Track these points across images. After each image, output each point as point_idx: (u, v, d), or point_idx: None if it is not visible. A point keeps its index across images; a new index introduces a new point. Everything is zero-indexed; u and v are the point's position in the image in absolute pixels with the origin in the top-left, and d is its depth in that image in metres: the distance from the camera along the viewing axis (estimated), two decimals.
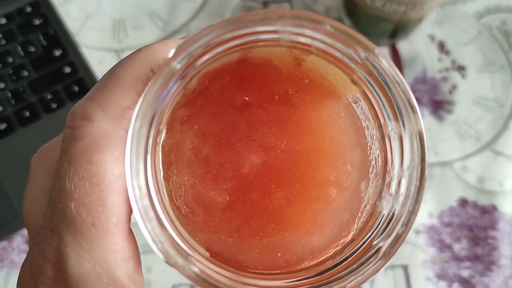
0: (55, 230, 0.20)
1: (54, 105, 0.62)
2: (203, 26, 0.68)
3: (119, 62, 0.22)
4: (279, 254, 0.21)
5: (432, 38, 0.68)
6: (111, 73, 0.22)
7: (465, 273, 0.57)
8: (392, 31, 0.64)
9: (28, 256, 0.22)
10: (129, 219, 0.21)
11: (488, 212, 0.60)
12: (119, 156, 0.20)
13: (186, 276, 0.19)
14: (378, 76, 0.20)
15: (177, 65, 0.18)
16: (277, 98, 0.21)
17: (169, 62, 0.18)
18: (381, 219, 0.20)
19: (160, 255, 0.19)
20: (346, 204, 0.21)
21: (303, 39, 0.20)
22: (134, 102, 0.20)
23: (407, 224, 0.19)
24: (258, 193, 0.20)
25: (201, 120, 0.21)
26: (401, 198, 0.19)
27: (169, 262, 0.19)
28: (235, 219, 0.20)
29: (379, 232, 0.20)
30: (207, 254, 0.21)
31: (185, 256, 0.19)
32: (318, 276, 0.19)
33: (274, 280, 0.20)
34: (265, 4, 0.68)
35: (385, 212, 0.20)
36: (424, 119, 0.64)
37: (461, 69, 0.67)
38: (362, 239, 0.20)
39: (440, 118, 0.64)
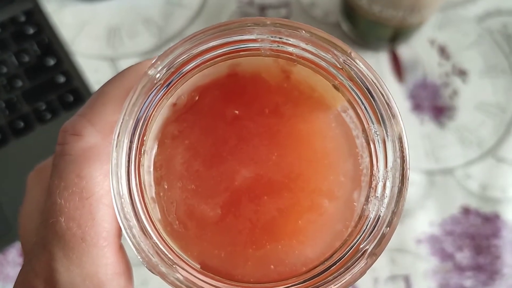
0: (46, 246, 0.20)
1: (49, 116, 0.61)
2: None
3: (109, 79, 0.23)
4: (272, 267, 0.21)
5: (432, 42, 0.67)
6: (101, 90, 0.22)
7: (468, 283, 0.56)
8: (392, 36, 0.63)
9: (21, 273, 0.22)
10: (119, 234, 0.21)
11: (491, 220, 0.59)
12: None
13: (170, 284, 0.19)
14: (358, 80, 0.20)
15: (156, 74, 0.19)
16: (267, 111, 0.21)
17: (147, 71, 0.19)
18: (368, 223, 0.20)
19: (143, 263, 0.19)
20: (339, 214, 0.21)
21: (283, 47, 0.20)
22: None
23: (391, 224, 0.19)
24: (250, 206, 0.20)
25: (192, 134, 0.21)
26: (386, 200, 0.20)
27: (153, 269, 0.19)
28: (227, 233, 0.20)
29: (366, 235, 0.20)
30: (197, 266, 0.20)
31: (170, 265, 0.19)
32: (307, 282, 0.20)
33: None
34: (262, 10, 0.67)
35: (372, 215, 0.20)
36: (425, 125, 0.63)
37: (462, 74, 0.66)
38: (350, 244, 0.20)
39: (441, 124, 0.63)
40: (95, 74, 0.65)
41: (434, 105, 0.64)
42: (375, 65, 0.66)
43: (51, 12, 0.67)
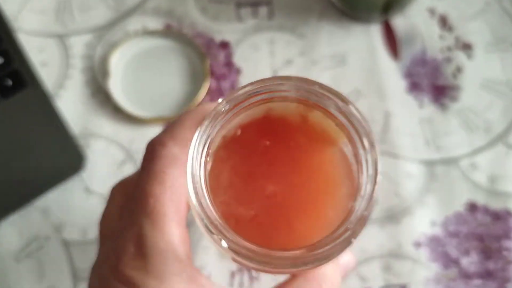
0: (136, 221, 0.28)
1: None
2: (160, 5, 0.59)
3: (185, 112, 0.33)
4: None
5: (432, 12, 0.58)
6: (180, 118, 0.31)
7: None
8: (385, 4, 0.55)
9: (109, 244, 0.30)
10: (186, 217, 0.30)
11: (502, 218, 0.51)
12: (184, 172, 0.27)
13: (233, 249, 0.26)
14: (352, 120, 0.28)
15: (222, 108, 0.28)
16: (290, 145, 0.30)
17: (218, 105, 0.28)
18: (353, 215, 0.27)
19: (210, 229, 0.26)
20: (338, 218, 0.28)
21: (303, 96, 0.29)
22: (192, 137, 0.27)
23: (367, 208, 0.27)
24: (274, 211, 0.29)
25: (234, 159, 0.30)
26: (366, 197, 0.27)
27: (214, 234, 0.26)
28: (257, 229, 0.28)
29: (350, 223, 0.27)
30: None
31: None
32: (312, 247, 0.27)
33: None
34: None
35: (357, 209, 0.27)
36: (424, 108, 0.55)
37: (466, 48, 0.57)
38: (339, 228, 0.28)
39: (443, 106, 0.55)
40: (40, 54, 0.56)
41: (435, 84, 0.55)
42: (366, 40, 0.57)
43: None
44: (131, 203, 0.30)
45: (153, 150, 0.30)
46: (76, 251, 0.50)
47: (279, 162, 0.30)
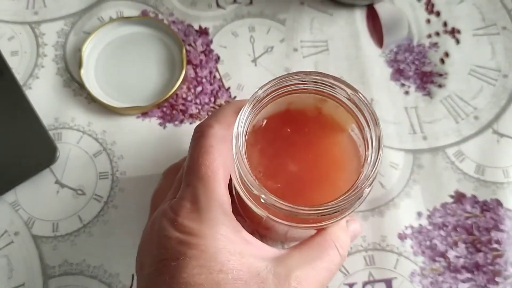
0: (190, 184, 0.34)
1: None
2: None
3: (226, 103, 0.44)
4: None
5: None
6: (222, 107, 0.38)
7: (464, 287, 0.46)
8: None
9: (165, 206, 0.35)
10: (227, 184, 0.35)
11: (491, 209, 0.48)
12: (228, 147, 0.34)
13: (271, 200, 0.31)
14: (359, 105, 0.34)
15: (260, 95, 0.34)
16: (306, 130, 0.36)
17: (256, 93, 0.34)
18: (361, 177, 0.33)
19: (250, 187, 0.32)
20: (347, 186, 0.33)
21: (319, 88, 0.35)
22: (233, 121, 0.33)
23: (373, 171, 0.32)
24: (296, 185, 0.35)
25: (262, 142, 0.36)
26: (371, 163, 0.32)
27: (252, 188, 0.32)
28: (282, 196, 0.32)
29: (360, 182, 0.33)
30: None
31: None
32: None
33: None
34: None
35: (364, 173, 0.32)
36: (410, 96, 0.52)
37: (454, 32, 0.54)
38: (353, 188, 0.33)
39: (429, 93, 0.52)
40: (9, 42, 0.54)
41: (421, 70, 0.53)
42: (349, 25, 0.55)
43: None
44: (184, 174, 0.35)
45: (201, 131, 0.36)
46: (47, 247, 0.48)
47: (299, 146, 0.36)
